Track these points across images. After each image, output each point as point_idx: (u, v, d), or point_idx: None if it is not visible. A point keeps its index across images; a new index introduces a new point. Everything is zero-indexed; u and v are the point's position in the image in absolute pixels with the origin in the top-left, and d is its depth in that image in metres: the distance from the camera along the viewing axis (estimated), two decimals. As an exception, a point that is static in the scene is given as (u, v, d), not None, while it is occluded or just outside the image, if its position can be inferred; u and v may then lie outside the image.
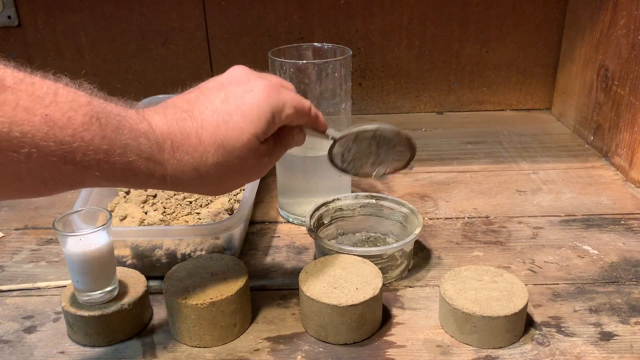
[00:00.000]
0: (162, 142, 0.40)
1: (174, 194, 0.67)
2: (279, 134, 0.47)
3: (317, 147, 0.68)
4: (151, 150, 0.39)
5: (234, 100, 0.43)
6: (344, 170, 0.55)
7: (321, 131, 0.51)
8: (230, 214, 0.64)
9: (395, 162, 0.53)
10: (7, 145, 0.32)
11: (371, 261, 0.55)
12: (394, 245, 0.57)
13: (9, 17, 0.98)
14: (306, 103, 0.48)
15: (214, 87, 0.45)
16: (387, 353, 0.50)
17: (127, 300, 0.51)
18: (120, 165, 0.38)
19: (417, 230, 0.59)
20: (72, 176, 0.36)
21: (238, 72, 0.46)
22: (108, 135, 0.36)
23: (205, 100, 0.44)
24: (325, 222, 0.65)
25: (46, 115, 0.33)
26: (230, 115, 0.43)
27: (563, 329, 0.52)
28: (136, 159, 0.38)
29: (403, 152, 0.53)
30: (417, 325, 0.53)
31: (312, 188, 0.68)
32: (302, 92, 0.64)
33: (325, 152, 0.53)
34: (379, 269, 0.54)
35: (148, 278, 0.55)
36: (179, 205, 0.66)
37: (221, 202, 0.66)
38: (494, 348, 0.50)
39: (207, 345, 0.51)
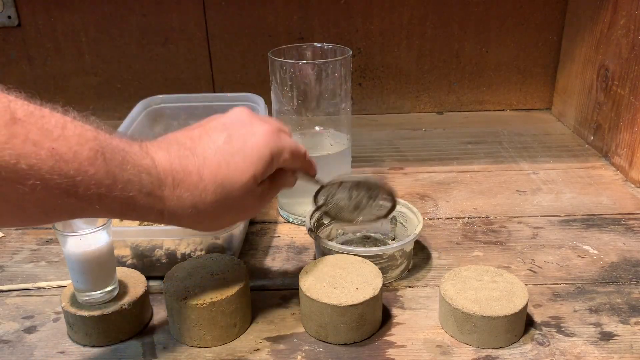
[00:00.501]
0: (164, 178, 0.41)
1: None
2: (274, 176, 0.49)
3: (317, 147, 0.68)
4: (152, 186, 0.40)
5: (236, 142, 0.45)
6: (326, 213, 0.58)
7: (311, 175, 0.55)
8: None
9: (376, 211, 0.56)
10: (13, 176, 0.32)
11: (371, 261, 0.55)
12: (394, 245, 0.57)
13: (9, 17, 0.98)
14: (302, 149, 0.50)
15: (217, 127, 0.46)
16: (387, 353, 0.50)
17: (127, 300, 0.51)
18: (121, 200, 0.38)
19: (417, 230, 0.59)
20: (74, 208, 0.37)
21: (241, 114, 0.48)
22: (112, 170, 0.37)
23: (209, 139, 0.45)
24: (325, 222, 0.65)
25: (53, 148, 0.34)
26: (232, 156, 0.44)
27: (563, 329, 0.52)
28: (137, 194, 0.39)
29: (384, 203, 0.57)
30: (417, 325, 0.53)
31: (312, 188, 0.68)
32: (303, 92, 0.64)
33: (326, 152, 0.54)
34: (379, 269, 0.54)
35: (148, 278, 0.55)
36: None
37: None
38: (494, 348, 0.50)
39: (207, 345, 0.51)
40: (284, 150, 0.47)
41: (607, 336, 0.51)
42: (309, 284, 0.51)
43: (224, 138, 0.45)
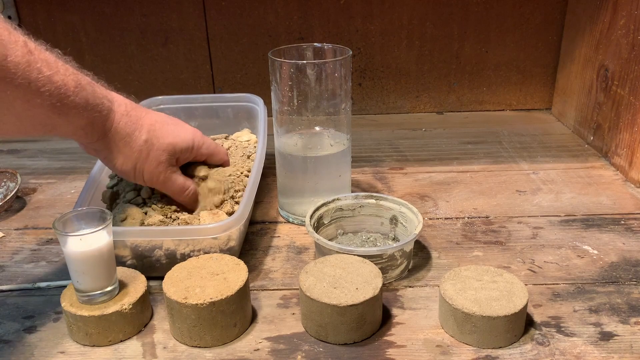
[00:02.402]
0: (118, 106, 0.56)
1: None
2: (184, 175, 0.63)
3: (317, 147, 0.68)
4: (109, 110, 0.55)
5: (173, 121, 0.62)
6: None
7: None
8: (229, 215, 0.64)
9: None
10: (28, 94, 0.46)
11: (371, 261, 0.55)
12: (394, 245, 0.57)
13: (9, 17, 0.98)
14: (222, 150, 0.67)
15: (161, 115, 0.62)
16: (387, 353, 0.50)
17: (127, 300, 0.51)
18: (87, 118, 0.52)
19: (417, 230, 0.59)
20: (54, 123, 0.50)
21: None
22: (85, 96, 0.51)
23: (155, 114, 0.61)
24: (325, 222, 0.65)
25: (49, 75, 0.47)
26: (167, 124, 0.60)
27: (563, 329, 0.52)
28: (98, 115, 0.53)
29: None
30: (417, 325, 0.53)
31: (312, 188, 0.68)
32: (303, 92, 0.64)
33: (326, 152, 0.57)
34: (379, 269, 0.54)
35: (148, 278, 0.55)
36: (179, 206, 0.66)
37: (221, 201, 0.66)
38: (493, 348, 0.50)
39: (207, 345, 0.51)
40: (207, 144, 0.64)
41: (607, 336, 0.51)
42: (309, 284, 0.51)
43: (165, 116, 0.61)
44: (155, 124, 0.58)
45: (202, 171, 0.65)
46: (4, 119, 0.47)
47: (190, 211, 0.64)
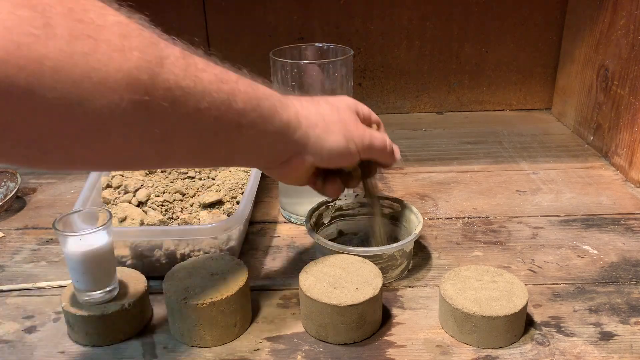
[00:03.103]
0: (284, 96, 0.48)
1: (175, 192, 0.67)
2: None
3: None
4: (284, 98, 0.48)
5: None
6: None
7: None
8: (229, 215, 0.64)
9: None
10: (195, 97, 0.38)
11: (371, 261, 0.55)
12: (394, 245, 0.57)
13: (9, 17, 0.98)
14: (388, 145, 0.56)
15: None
16: (387, 353, 0.50)
17: (127, 300, 0.51)
18: (268, 108, 0.45)
19: (417, 230, 0.59)
20: (236, 121, 0.42)
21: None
22: (254, 87, 0.45)
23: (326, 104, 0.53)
24: (325, 222, 0.65)
25: (216, 74, 0.40)
26: (327, 97, 0.53)
27: (563, 328, 0.52)
28: (276, 102, 0.46)
29: None
30: (417, 325, 0.53)
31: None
32: (304, 92, 0.64)
33: None
34: (379, 269, 0.54)
35: (148, 278, 0.55)
36: (178, 206, 0.66)
37: (220, 200, 0.66)
38: (493, 348, 0.50)
39: (207, 345, 0.51)
40: (363, 106, 0.55)
41: (607, 336, 0.51)
42: (309, 284, 0.51)
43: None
44: (320, 98, 0.53)
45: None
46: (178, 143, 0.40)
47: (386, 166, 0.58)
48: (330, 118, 0.50)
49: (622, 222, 0.70)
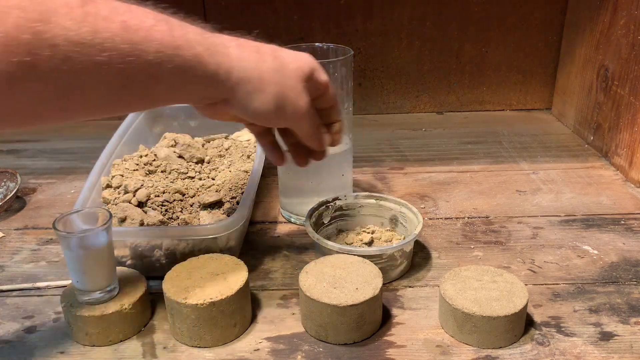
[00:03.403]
0: (227, 39, 0.45)
1: (175, 192, 0.67)
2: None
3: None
4: (217, 47, 0.43)
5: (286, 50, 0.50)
6: None
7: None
8: (229, 215, 0.64)
9: None
10: (92, 50, 0.35)
11: (371, 261, 0.55)
12: (394, 245, 0.57)
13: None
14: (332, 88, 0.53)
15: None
16: (387, 353, 0.50)
17: (127, 300, 0.51)
18: (190, 58, 0.41)
19: (417, 230, 0.59)
20: (146, 75, 0.39)
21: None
22: (176, 33, 0.40)
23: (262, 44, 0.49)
24: (325, 222, 0.65)
25: (123, 21, 0.37)
26: (282, 49, 0.49)
27: (563, 329, 0.52)
28: (203, 51, 0.42)
29: None
30: (417, 325, 0.53)
31: (314, 188, 0.68)
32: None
33: (330, 152, 0.57)
34: (379, 269, 0.54)
35: (148, 278, 0.55)
36: (178, 206, 0.66)
37: (220, 200, 0.66)
38: (493, 348, 0.50)
39: (207, 345, 0.51)
40: (322, 72, 0.51)
41: (607, 336, 0.51)
42: (309, 284, 0.51)
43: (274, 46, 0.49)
44: (274, 49, 0.48)
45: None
46: (86, 88, 0.38)
47: (323, 152, 0.56)
48: (269, 77, 0.46)
49: (622, 222, 0.70)
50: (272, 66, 0.46)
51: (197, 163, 0.75)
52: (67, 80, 0.35)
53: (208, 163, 0.76)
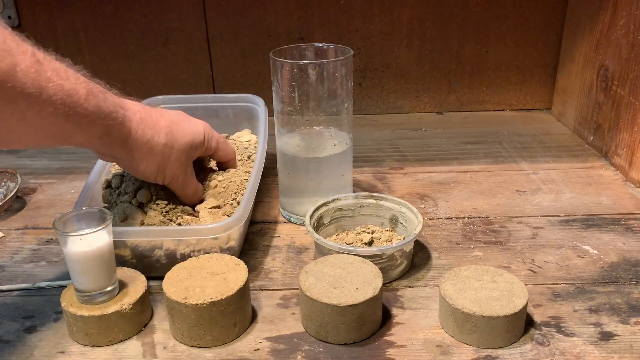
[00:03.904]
0: (133, 114, 0.55)
1: (175, 194, 0.67)
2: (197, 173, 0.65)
3: (320, 147, 0.68)
4: (124, 119, 0.54)
5: (184, 117, 0.62)
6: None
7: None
8: (229, 215, 0.64)
9: None
10: (38, 104, 0.45)
11: (371, 261, 0.55)
12: (394, 245, 0.57)
13: (9, 17, 0.98)
14: (229, 147, 0.68)
15: (169, 112, 0.62)
16: (387, 353, 0.50)
17: (127, 300, 0.51)
18: (102, 127, 0.51)
19: (417, 230, 0.59)
20: (69, 132, 0.49)
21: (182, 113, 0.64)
22: (98, 104, 0.50)
23: (165, 112, 0.61)
24: (325, 222, 0.65)
25: (61, 85, 0.46)
26: (181, 122, 0.61)
27: (563, 328, 0.52)
28: (113, 123, 0.52)
29: None
30: (417, 325, 0.53)
31: (314, 188, 0.68)
32: (304, 92, 0.64)
33: (330, 153, 0.60)
34: (379, 269, 0.54)
35: (148, 278, 0.55)
36: (178, 206, 0.66)
37: (221, 202, 0.66)
38: (493, 348, 0.50)
39: (207, 345, 0.51)
40: (214, 138, 0.65)
41: (607, 336, 0.51)
42: (309, 284, 0.51)
43: (175, 115, 0.61)
44: (171, 125, 0.59)
45: (212, 181, 0.66)
46: (20, 130, 0.46)
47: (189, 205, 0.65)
48: (158, 150, 0.57)
49: (622, 222, 0.70)
50: (163, 141, 0.57)
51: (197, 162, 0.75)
52: (36, 91, 0.44)
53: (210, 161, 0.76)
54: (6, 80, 0.42)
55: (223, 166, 0.69)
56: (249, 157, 0.77)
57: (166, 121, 0.58)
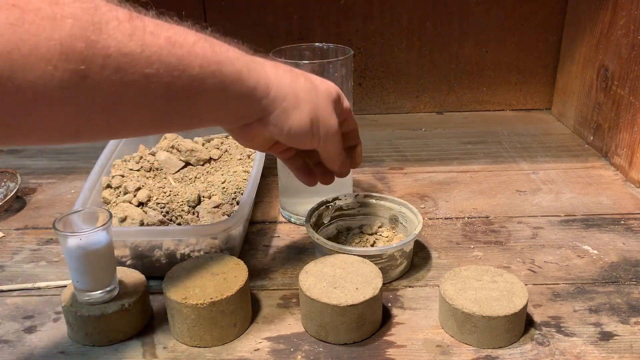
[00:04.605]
0: (262, 59, 0.47)
1: (175, 195, 0.67)
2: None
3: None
4: (253, 62, 0.45)
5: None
6: None
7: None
8: (229, 215, 0.64)
9: None
10: (142, 63, 0.36)
11: (371, 261, 0.55)
12: (394, 245, 0.57)
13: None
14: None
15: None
16: (387, 353, 0.50)
17: (127, 300, 0.51)
18: (231, 74, 0.42)
19: (417, 230, 0.59)
20: (191, 88, 0.40)
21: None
22: (217, 50, 0.42)
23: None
24: (325, 222, 0.65)
25: (168, 37, 0.38)
26: (312, 75, 0.51)
27: (563, 328, 0.52)
28: (242, 67, 0.43)
29: None
30: (417, 325, 0.53)
31: (314, 188, 0.68)
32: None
33: None
34: (379, 269, 0.54)
35: (148, 278, 0.55)
36: (178, 206, 0.66)
37: (221, 202, 0.66)
38: (493, 348, 0.50)
39: (207, 345, 0.51)
40: (346, 100, 0.54)
41: (607, 336, 0.51)
42: (309, 284, 0.51)
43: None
44: (304, 73, 0.50)
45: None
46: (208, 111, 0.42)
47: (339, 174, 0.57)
48: (303, 95, 0.48)
49: (622, 222, 0.70)
50: (305, 86, 0.48)
51: (203, 164, 0.75)
52: (116, 92, 0.36)
53: (216, 161, 0.76)
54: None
55: (346, 139, 0.56)
56: (248, 157, 0.77)
57: (297, 69, 0.50)
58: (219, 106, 0.43)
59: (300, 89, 0.47)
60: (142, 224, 0.61)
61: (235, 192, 0.68)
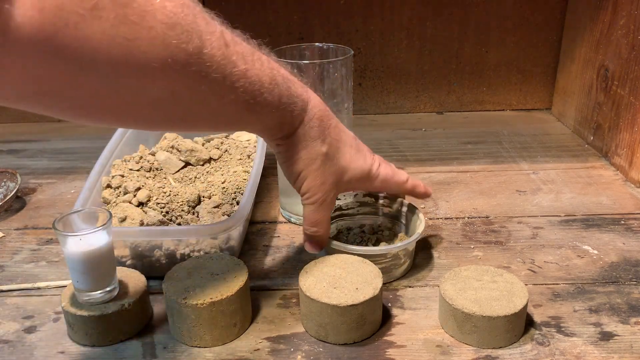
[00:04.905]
0: (312, 107, 0.52)
1: (175, 195, 0.67)
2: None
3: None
4: (299, 111, 0.51)
5: (355, 145, 0.57)
6: None
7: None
8: (229, 215, 0.64)
9: None
10: (223, 87, 0.42)
11: (375, 260, 0.55)
12: (398, 244, 0.57)
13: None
14: (398, 180, 0.61)
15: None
16: (387, 353, 0.50)
17: (127, 300, 0.51)
18: (278, 117, 0.49)
19: (421, 229, 0.59)
20: (246, 120, 0.47)
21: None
22: (279, 92, 0.47)
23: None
24: (325, 222, 0.65)
25: (246, 70, 0.44)
26: (350, 146, 0.55)
27: (563, 329, 0.52)
28: (289, 114, 0.50)
29: None
30: (417, 325, 0.53)
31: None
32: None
33: None
34: (383, 268, 0.54)
35: (148, 278, 0.55)
36: (178, 206, 0.66)
37: (221, 202, 0.66)
38: (493, 348, 0.50)
39: (207, 345, 0.51)
40: (381, 176, 0.58)
41: (607, 336, 0.51)
42: (309, 284, 0.51)
43: (350, 137, 0.56)
44: (339, 141, 0.54)
45: None
46: (199, 114, 0.44)
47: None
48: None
49: (622, 222, 0.70)
50: (324, 150, 0.53)
51: (203, 164, 0.75)
52: (220, 76, 0.41)
53: (216, 161, 0.76)
54: (191, 64, 0.38)
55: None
56: (248, 157, 0.77)
57: (337, 134, 0.53)
58: (273, 109, 0.49)
59: (315, 150, 0.52)
60: (142, 224, 0.61)
61: (235, 192, 0.68)
